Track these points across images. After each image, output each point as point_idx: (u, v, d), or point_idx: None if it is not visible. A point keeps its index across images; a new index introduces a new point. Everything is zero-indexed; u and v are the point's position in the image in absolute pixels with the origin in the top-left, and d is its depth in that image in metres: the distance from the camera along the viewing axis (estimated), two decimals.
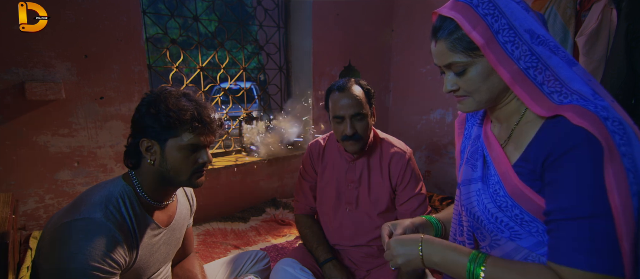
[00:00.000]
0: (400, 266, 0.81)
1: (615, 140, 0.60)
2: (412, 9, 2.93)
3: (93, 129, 1.79)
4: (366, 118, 1.27)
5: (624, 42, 1.45)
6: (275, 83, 2.77)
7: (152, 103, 0.92)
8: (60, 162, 1.73)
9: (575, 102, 0.63)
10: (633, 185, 0.60)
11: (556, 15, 1.74)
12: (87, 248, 0.82)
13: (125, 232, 0.89)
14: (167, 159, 0.93)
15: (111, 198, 0.90)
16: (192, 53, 2.37)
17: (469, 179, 0.82)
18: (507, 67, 0.66)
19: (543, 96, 0.65)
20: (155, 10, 2.16)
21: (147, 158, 0.93)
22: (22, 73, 1.60)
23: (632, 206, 0.59)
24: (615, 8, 1.59)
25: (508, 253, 0.74)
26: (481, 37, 0.66)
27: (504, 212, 0.74)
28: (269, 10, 2.61)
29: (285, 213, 2.45)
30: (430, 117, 2.94)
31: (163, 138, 0.92)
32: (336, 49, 2.69)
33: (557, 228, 0.64)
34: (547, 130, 0.66)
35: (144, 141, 0.92)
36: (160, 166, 0.93)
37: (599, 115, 0.61)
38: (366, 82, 1.32)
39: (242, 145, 2.66)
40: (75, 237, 0.82)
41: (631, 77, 1.45)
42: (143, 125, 0.92)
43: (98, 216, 0.85)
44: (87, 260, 0.81)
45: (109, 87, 1.82)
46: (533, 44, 0.65)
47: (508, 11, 0.66)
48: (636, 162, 0.60)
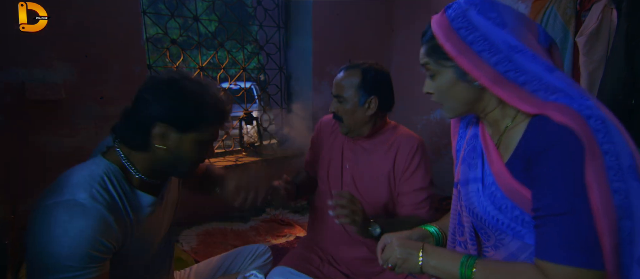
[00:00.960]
0: (395, 265, 0.83)
1: (598, 138, 0.62)
2: (412, 9, 2.93)
3: (93, 129, 1.80)
4: (346, 102, 1.28)
5: (624, 42, 1.45)
6: (275, 83, 2.77)
7: (178, 86, 0.84)
8: (60, 162, 1.72)
9: (561, 100, 0.65)
10: (614, 182, 0.61)
11: (556, 15, 1.74)
12: (73, 231, 0.75)
13: (115, 212, 0.82)
14: (182, 150, 0.87)
15: (95, 176, 0.83)
16: (192, 54, 2.37)
17: (467, 179, 0.83)
18: (483, 71, 0.69)
19: (527, 94, 0.67)
20: (156, 11, 2.16)
21: (155, 143, 0.85)
22: (22, 73, 1.60)
23: (613, 203, 0.61)
24: (615, 8, 1.59)
25: (514, 252, 0.75)
26: (453, 48, 0.71)
27: (504, 214, 0.75)
28: (269, 10, 2.61)
29: (285, 213, 2.45)
30: (430, 117, 2.94)
31: (184, 129, 0.85)
32: (336, 49, 2.69)
33: (540, 224, 0.67)
34: (533, 127, 0.69)
35: (158, 125, 0.83)
36: (170, 154, 0.87)
37: (582, 113, 0.62)
38: (379, 71, 1.30)
39: (242, 145, 2.66)
40: (60, 219, 0.76)
41: (631, 77, 1.45)
42: (165, 110, 0.83)
43: (83, 196, 0.78)
44: (73, 243, 0.75)
45: (109, 87, 1.82)
46: (510, 52, 0.68)
47: (481, 26, 0.70)
48: (620, 159, 0.62)
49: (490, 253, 0.79)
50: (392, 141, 1.32)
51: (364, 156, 1.34)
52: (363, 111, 1.28)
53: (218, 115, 0.88)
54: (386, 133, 1.35)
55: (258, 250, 1.38)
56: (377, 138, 1.34)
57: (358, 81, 1.27)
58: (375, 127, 1.33)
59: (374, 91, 1.27)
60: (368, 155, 1.34)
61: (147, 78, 0.90)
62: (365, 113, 1.28)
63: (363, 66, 1.30)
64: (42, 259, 0.76)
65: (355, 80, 1.28)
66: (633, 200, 0.62)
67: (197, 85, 0.87)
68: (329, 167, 1.41)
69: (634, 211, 0.62)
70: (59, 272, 0.75)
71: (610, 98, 1.49)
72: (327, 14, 2.59)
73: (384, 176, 1.30)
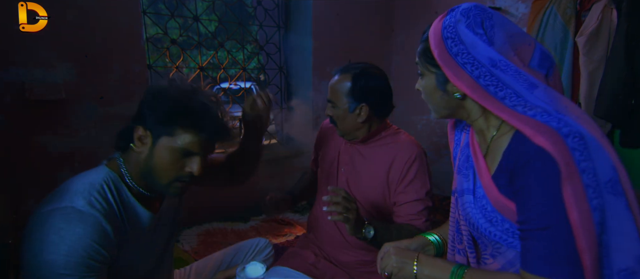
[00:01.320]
0: (391, 274, 0.86)
1: (575, 156, 0.62)
2: (412, 9, 2.93)
3: (93, 129, 1.79)
4: (336, 109, 1.26)
5: (624, 42, 1.45)
6: (275, 83, 2.77)
7: (162, 93, 0.84)
8: (60, 162, 1.73)
9: (539, 117, 0.66)
10: (593, 199, 0.62)
11: (556, 16, 1.74)
12: (70, 238, 0.74)
13: (113, 221, 0.81)
14: (155, 156, 0.84)
15: (95, 184, 0.82)
16: (192, 54, 2.37)
17: (462, 190, 0.85)
18: (465, 82, 0.71)
19: (506, 107, 0.69)
20: (156, 10, 2.16)
21: (136, 146, 0.85)
22: (22, 73, 1.60)
23: (593, 220, 0.62)
24: (615, 8, 1.59)
25: (511, 260, 0.76)
26: (439, 56, 0.74)
27: (495, 226, 0.76)
28: (269, 10, 2.61)
29: (286, 213, 2.45)
30: (430, 117, 2.93)
31: (158, 133, 0.83)
32: (336, 49, 2.69)
33: (524, 237, 0.68)
34: (515, 141, 0.70)
35: (139, 128, 0.84)
36: (146, 160, 0.85)
37: (560, 131, 0.63)
38: (372, 76, 1.26)
39: None
40: (56, 226, 0.74)
41: (631, 77, 1.45)
42: (144, 111, 0.84)
43: (81, 203, 0.77)
44: (70, 251, 0.73)
45: (109, 87, 1.82)
46: (492, 67, 0.69)
47: (467, 40, 0.71)
48: (598, 176, 0.63)
49: (490, 260, 0.80)
50: (389, 148, 1.29)
51: (360, 161, 1.32)
52: (354, 117, 1.25)
53: (195, 123, 0.83)
54: (385, 138, 1.31)
55: (259, 245, 1.36)
56: (375, 143, 1.31)
57: (348, 87, 1.24)
58: (371, 132, 1.30)
59: (364, 99, 1.23)
60: (364, 159, 1.31)
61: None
62: (356, 120, 1.25)
63: (355, 71, 1.26)
64: (38, 266, 0.74)
65: (345, 86, 1.24)
66: (607, 212, 0.63)
67: (181, 91, 0.85)
68: (326, 169, 1.41)
69: (607, 226, 0.63)
70: (55, 278, 0.74)
71: (610, 98, 1.49)
72: (327, 14, 2.59)
73: (379, 182, 1.27)
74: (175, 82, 0.88)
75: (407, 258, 0.84)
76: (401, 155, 1.26)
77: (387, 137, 1.32)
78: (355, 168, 1.32)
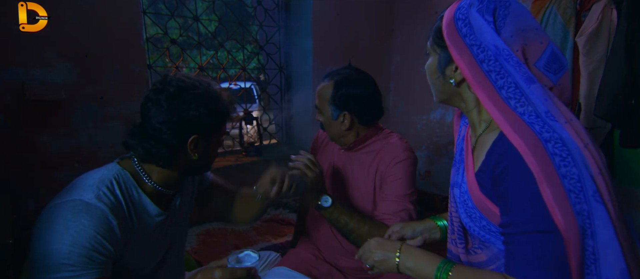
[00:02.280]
0: (374, 266, 0.85)
1: (555, 161, 0.62)
2: (412, 9, 2.93)
3: (93, 129, 1.79)
4: (322, 115, 1.26)
5: (624, 42, 1.45)
6: (275, 83, 2.77)
7: (208, 101, 0.88)
8: (60, 162, 1.73)
9: (526, 117, 0.65)
10: (576, 204, 0.61)
11: (556, 16, 1.74)
12: (75, 228, 0.76)
13: (119, 216, 0.83)
14: (209, 152, 0.96)
15: (104, 180, 0.84)
16: (192, 54, 2.37)
17: (453, 182, 0.86)
18: (467, 64, 0.70)
19: (499, 99, 0.68)
20: (155, 10, 2.16)
21: (191, 154, 0.89)
22: (22, 73, 1.60)
23: (577, 225, 0.61)
24: (615, 8, 1.59)
25: (495, 254, 0.77)
26: (448, 36, 0.73)
27: (473, 222, 0.77)
28: (269, 10, 2.61)
29: (286, 213, 2.45)
30: (430, 117, 2.94)
31: (209, 133, 0.92)
32: (336, 49, 2.69)
33: (509, 241, 0.68)
34: (500, 140, 0.69)
35: (195, 138, 0.88)
36: (200, 159, 0.92)
37: (541, 136, 0.63)
38: (354, 83, 1.22)
39: (242, 145, 2.66)
40: (63, 217, 0.77)
41: (631, 77, 1.45)
42: (191, 122, 0.86)
43: (89, 196, 0.79)
44: (74, 241, 0.75)
45: (109, 87, 1.82)
46: (497, 53, 0.68)
47: (476, 25, 0.71)
48: (583, 182, 0.62)
49: (478, 252, 0.80)
50: (377, 152, 1.26)
51: (350, 168, 1.30)
52: (338, 125, 1.23)
53: (229, 111, 0.96)
54: (374, 143, 1.28)
55: (269, 258, 1.38)
56: (364, 150, 1.29)
57: (329, 95, 1.21)
58: (358, 139, 1.27)
59: (345, 107, 1.20)
60: (354, 166, 1.29)
61: (153, 91, 0.88)
62: (340, 127, 1.23)
63: (337, 78, 1.22)
64: (44, 257, 0.76)
65: (327, 93, 1.22)
66: (595, 220, 0.62)
67: (219, 92, 0.94)
68: (331, 174, 1.39)
69: (596, 231, 0.62)
70: (59, 271, 0.75)
71: (610, 98, 1.49)
72: (327, 14, 2.59)
73: (370, 190, 1.25)
74: (210, 85, 0.93)
75: (389, 251, 0.82)
76: (387, 157, 1.23)
77: (377, 141, 1.28)
78: (347, 176, 1.31)
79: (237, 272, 0.80)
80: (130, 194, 0.88)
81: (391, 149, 1.25)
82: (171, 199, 1.00)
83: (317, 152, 1.46)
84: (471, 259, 0.82)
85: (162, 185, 0.93)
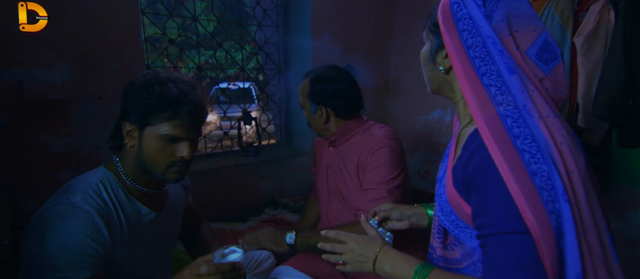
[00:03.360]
0: (346, 263, 0.83)
1: (524, 158, 0.60)
2: (412, 10, 2.94)
3: (92, 129, 1.79)
4: (306, 110, 1.34)
5: (622, 43, 1.46)
6: (274, 83, 2.77)
7: (139, 87, 0.88)
8: (59, 162, 1.73)
9: (502, 108, 0.64)
10: (548, 203, 0.60)
11: (554, 16, 1.75)
12: (62, 231, 0.77)
13: (107, 218, 0.84)
14: (144, 147, 0.89)
15: (91, 183, 0.87)
16: (190, 54, 2.37)
17: (438, 177, 0.86)
18: (455, 49, 0.70)
19: (480, 86, 0.67)
20: (154, 10, 2.16)
21: (127, 142, 0.90)
22: (20, 73, 1.60)
23: (551, 225, 0.59)
24: (612, 8, 1.59)
25: (468, 251, 0.76)
26: (443, 22, 0.73)
27: (445, 216, 0.77)
28: (267, 10, 2.61)
29: (285, 213, 2.45)
30: (429, 117, 2.94)
31: (142, 125, 0.88)
32: (335, 50, 2.69)
33: (484, 243, 0.66)
34: (473, 136, 0.68)
35: (125, 124, 0.90)
36: (138, 153, 0.90)
37: (510, 133, 0.62)
38: (329, 79, 1.30)
39: (240, 145, 2.66)
40: (51, 222, 0.79)
41: (628, 77, 1.46)
42: (127, 107, 0.90)
43: (76, 200, 0.81)
44: (61, 244, 0.77)
45: (107, 87, 1.82)
46: (487, 38, 0.68)
47: (470, 8, 0.70)
48: (552, 180, 0.60)
49: (454, 249, 0.80)
50: (358, 143, 1.32)
51: (337, 163, 1.36)
52: (317, 119, 1.33)
53: (173, 109, 0.86)
54: (356, 135, 1.34)
55: (261, 256, 1.39)
56: (347, 142, 1.35)
57: (307, 91, 1.32)
58: (339, 131, 1.34)
59: (321, 102, 1.30)
60: (340, 161, 1.35)
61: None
62: (320, 120, 1.33)
63: (313, 74, 1.34)
64: (33, 260, 0.78)
65: (304, 90, 1.34)
66: (565, 219, 0.60)
67: (158, 82, 0.88)
68: (320, 176, 1.46)
69: (566, 232, 0.61)
70: (49, 272, 0.77)
71: (608, 98, 1.50)
72: (326, 15, 2.59)
73: (354, 181, 1.30)
74: (149, 74, 0.92)
75: (368, 252, 0.80)
76: (366, 148, 1.28)
77: (358, 134, 1.34)
78: (338, 170, 1.36)
79: (223, 267, 0.81)
80: (117, 195, 0.90)
81: (370, 139, 1.29)
82: (158, 199, 1.01)
83: (317, 154, 1.50)
84: (447, 254, 0.82)
85: (137, 182, 0.93)
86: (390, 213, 1.04)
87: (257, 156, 2.54)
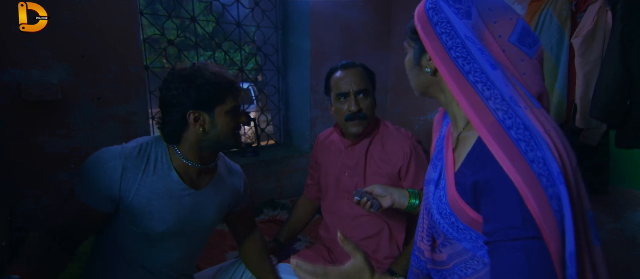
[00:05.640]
0: None
1: (520, 147, 0.61)
2: (410, 10, 2.93)
3: (90, 130, 1.79)
4: (371, 95, 1.32)
5: (619, 44, 1.47)
6: (273, 83, 2.77)
7: (190, 78, 1.00)
8: (57, 163, 1.73)
9: (491, 102, 0.65)
10: (548, 188, 0.60)
11: (552, 17, 1.75)
12: (92, 158, 0.97)
13: (133, 164, 0.98)
14: (217, 124, 1.03)
15: (140, 140, 1.04)
16: (189, 54, 2.36)
17: (428, 179, 0.86)
18: (438, 53, 0.71)
19: (467, 84, 0.68)
20: (153, 11, 2.16)
21: (196, 128, 1.01)
22: (18, 73, 1.59)
23: (552, 209, 0.59)
24: (610, 10, 1.60)
25: (458, 251, 0.77)
26: (421, 29, 0.75)
27: (444, 218, 0.76)
28: (266, 11, 2.61)
29: (283, 214, 2.45)
30: (428, 118, 2.95)
31: (211, 107, 1.01)
32: (334, 49, 2.69)
33: (494, 249, 0.65)
34: (480, 145, 0.67)
35: (190, 113, 1.00)
36: (210, 132, 1.02)
37: (503, 124, 0.63)
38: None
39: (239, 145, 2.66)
40: (93, 156, 0.99)
41: (626, 78, 1.47)
42: (184, 99, 0.99)
43: (117, 145, 0.99)
44: (89, 169, 0.95)
45: (106, 88, 1.81)
46: (465, 39, 0.69)
47: (445, 11, 0.72)
48: (548, 165, 0.60)
49: (442, 251, 0.81)
50: (386, 142, 1.34)
51: (362, 160, 1.35)
52: (374, 105, 1.36)
53: (229, 84, 1.03)
54: (380, 129, 1.39)
55: None
56: (374, 136, 1.36)
57: (368, 76, 1.35)
58: (368, 128, 1.37)
59: (373, 82, 1.36)
60: (366, 156, 1.34)
61: (166, 77, 1.05)
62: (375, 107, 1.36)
63: (357, 63, 1.38)
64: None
65: (367, 75, 1.35)
66: (564, 201, 0.60)
67: (206, 69, 1.03)
68: (332, 178, 1.43)
69: (565, 215, 0.60)
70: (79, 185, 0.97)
71: (605, 99, 1.50)
72: (325, 15, 2.59)
73: (385, 176, 1.31)
74: (190, 67, 1.04)
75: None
76: (400, 144, 1.32)
77: (382, 129, 1.39)
78: (359, 170, 1.35)
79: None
80: (158, 157, 1.03)
81: (400, 136, 1.35)
82: (201, 178, 1.11)
83: (322, 155, 1.48)
84: (435, 257, 0.83)
85: (190, 158, 1.05)
86: (373, 187, 1.16)
87: (255, 157, 2.54)
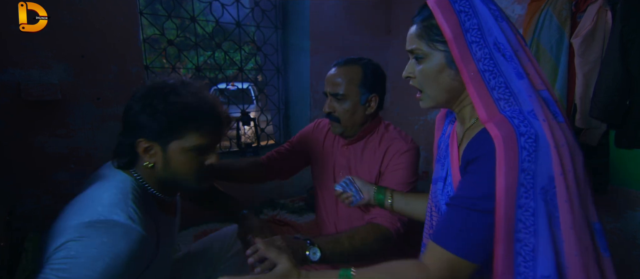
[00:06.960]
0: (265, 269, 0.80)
1: (521, 155, 0.63)
2: (409, 10, 2.94)
3: (90, 130, 1.79)
4: (345, 101, 1.19)
5: (619, 44, 1.46)
6: (272, 83, 2.77)
7: (148, 100, 0.78)
8: (57, 163, 1.72)
9: (507, 112, 0.66)
10: (521, 198, 0.63)
11: (552, 17, 1.75)
12: (111, 256, 0.69)
13: (151, 234, 0.77)
14: (170, 162, 0.81)
15: (128, 194, 0.77)
16: (189, 54, 2.36)
17: (436, 177, 0.86)
18: (467, 66, 0.69)
19: (491, 100, 0.68)
20: (153, 11, 2.16)
21: (145, 160, 0.80)
22: (18, 74, 1.59)
23: (514, 216, 0.64)
24: (610, 10, 1.60)
25: None
26: (451, 32, 0.69)
27: None
28: (266, 11, 2.61)
29: (283, 214, 2.45)
30: (428, 118, 2.94)
31: (164, 140, 0.79)
32: (334, 50, 2.69)
33: (448, 210, 0.71)
34: (478, 135, 0.70)
35: (141, 141, 0.79)
36: (163, 169, 0.82)
37: (517, 130, 0.64)
38: (377, 66, 1.25)
39: (239, 146, 2.66)
40: (98, 241, 0.69)
41: (626, 78, 1.46)
42: (138, 124, 0.79)
43: (122, 217, 0.72)
44: (106, 268, 0.68)
45: (106, 88, 1.81)
46: (493, 49, 0.68)
47: (480, 14, 0.69)
48: (535, 179, 0.64)
49: None
50: (384, 141, 1.27)
51: (356, 161, 1.30)
52: (363, 110, 1.21)
53: (198, 119, 0.80)
54: (379, 132, 1.29)
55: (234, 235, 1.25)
56: (370, 139, 1.29)
57: (359, 77, 1.19)
58: (367, 127, 1.27)
59: (375, 89, 1.20)
60: (359, 158, 1.29)
61: (138, 88, 0.83)
62: (365, 112, 1.22)
63: (361, 62, 1.22)
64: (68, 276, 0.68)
65: (356, 76, 1.19)
66: (539, 218, 0.63)
67: (172, 91, 0.79)
68: (322, 175, 1.39)
69: (538, 230, 0.64)
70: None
71: (605, 99, 1.50)
72: (325, 15, 2.59)
73: (374, 177, 1.26)
74: (152, 84, 0.82)
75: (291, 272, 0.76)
76: (394, 146, 1.23)
77: (380, 131, 1.30)
78: (352, 170, 1.31)
79: None
80: (148, 206, 0.82)
81: (398, 139, 1.25)
82: (173, 205, 0.97)
83: (312, 146, 1.42)
84: None
85: (160, 191, 0.86)
86: (354, 179, 1.15)
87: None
